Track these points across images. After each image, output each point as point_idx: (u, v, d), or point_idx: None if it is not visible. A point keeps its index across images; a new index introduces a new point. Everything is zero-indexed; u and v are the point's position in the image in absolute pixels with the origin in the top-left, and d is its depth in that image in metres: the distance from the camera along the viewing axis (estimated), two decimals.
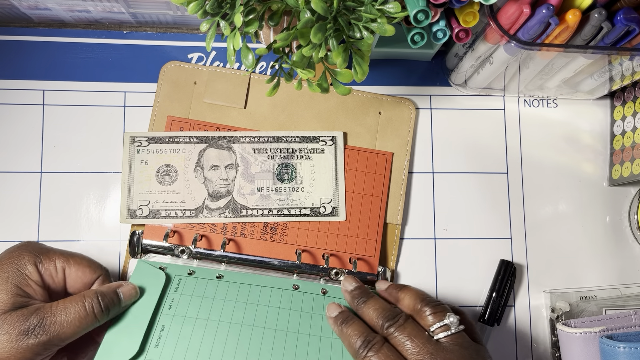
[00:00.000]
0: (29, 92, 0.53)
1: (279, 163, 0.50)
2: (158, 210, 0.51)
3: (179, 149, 0.50)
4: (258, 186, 0.50)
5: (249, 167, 0.50)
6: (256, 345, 0.45)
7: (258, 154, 0.49)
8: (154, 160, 0.51)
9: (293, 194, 0.51)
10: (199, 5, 0.39)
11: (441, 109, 0.56)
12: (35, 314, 0.40)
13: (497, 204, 0.55)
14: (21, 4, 0.51)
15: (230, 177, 0.50)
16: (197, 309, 0.46)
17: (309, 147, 0.49)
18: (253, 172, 0.50)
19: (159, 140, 0.50)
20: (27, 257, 0.43)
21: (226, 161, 0.50)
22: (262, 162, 0.50)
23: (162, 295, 0.47)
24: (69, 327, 0.41)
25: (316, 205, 0.50)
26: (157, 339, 0.45)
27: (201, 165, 0.50)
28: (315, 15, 0.37)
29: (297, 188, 0.50)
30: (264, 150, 0.49)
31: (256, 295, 0.48)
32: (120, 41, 0.55)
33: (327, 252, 0.51)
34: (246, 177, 0.50)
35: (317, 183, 0.50)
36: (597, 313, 0.51)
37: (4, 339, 0.39)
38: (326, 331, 0.47)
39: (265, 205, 0.51)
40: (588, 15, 0.41)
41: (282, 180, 0.50)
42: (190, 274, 0.49)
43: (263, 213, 0.51)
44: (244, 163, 0.50)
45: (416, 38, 0.45)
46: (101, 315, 0.43)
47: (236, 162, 0.50)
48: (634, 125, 0.53)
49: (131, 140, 0.50)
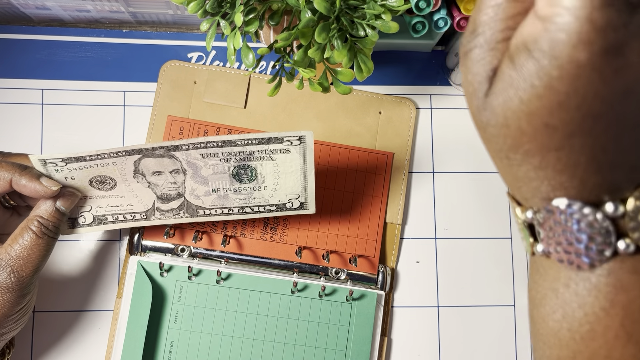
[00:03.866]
0: (28, 91, 0.53)
1: (235, 165, 0.46)
2: (104, 215, 0.47)
3: (107, 163, 0.44)
4: (213, 187, 0.47)
5: (198, 170, 0.46)
6: (257, 357, 0.50)
7: (207, 158, 0.45)
8: (80, 175, 0.45)
9: (255, 193, 0.48)
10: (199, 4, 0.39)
11: (441, 108, 0.56)
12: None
13: (497, 203, 0.55)
14: (20, 3, 0.51)
15: (179, 180, 0.46)
16: (200, 322, 0.50)
17: (270, 148, 0.45)
18: (205, 175, 0.46)
19: (77, 160, 0.43)
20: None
21: (169, 167, 0.46)
22: (214, 165, 0.46)
23: (166, 306, 0.50)
24: (31, 257, 0.42)
25: (282, 201, 0.48)
26: (169, 355, 0.49)
27: (140, 172, 0.45)
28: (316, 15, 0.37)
29: (259, 187, 0.47)
30: (215, 155, 0.45)
31: (255, 304, 0.50)
32: (119, 40, 0.54)
33: (327, 250, 0.51)
34: (197, 180, 0.46)
35: (282, 182, 0.47)
36: None
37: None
38: (321, 342, 0.50)
39: (225, 205, 0.48)
40: None
41: (241, 180, 0.47)
42: (190, 277, 0.49)
43: (222, 212, 0.48)
44: (192, 167, 0.46)
45: (417, 27, 0.45)
46: (53, 235, 0.43)
47: (182, 167, 0.46)
48: None
49: (42, 163, 0.43)
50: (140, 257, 0.50)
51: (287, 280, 0.50)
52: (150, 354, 0.49)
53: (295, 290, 0.50)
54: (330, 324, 0.50)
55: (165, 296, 0.50)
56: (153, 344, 0.49)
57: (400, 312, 0.53)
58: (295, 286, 0.50)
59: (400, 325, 0.52)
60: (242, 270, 0.50)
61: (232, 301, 0.50)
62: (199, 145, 0.44)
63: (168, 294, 0.50)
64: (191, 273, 0.49)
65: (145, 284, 0.49)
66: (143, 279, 0.49)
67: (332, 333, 0.50)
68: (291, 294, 0.50)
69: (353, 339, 0.50)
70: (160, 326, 0.49)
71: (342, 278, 0.51)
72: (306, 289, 0.50)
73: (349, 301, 0.50)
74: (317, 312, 0.50)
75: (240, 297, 0.50)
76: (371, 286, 0.51)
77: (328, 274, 0.52)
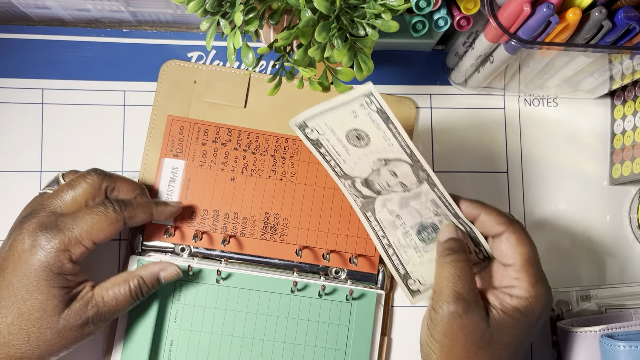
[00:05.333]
0: (28, 90, 0.53)
1: (433, 222, 0.46)
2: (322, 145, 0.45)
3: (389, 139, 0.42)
4: (401, 214, 0.46)
5: (413, 200, 0.45)
6: (257, 356, 0.50)
7: (431, 204, 0.45)
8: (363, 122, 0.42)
9: (410, 250, 0.47)
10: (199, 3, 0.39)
11: (441, 108, 0.56)
12: (89, 307, 0.43)
13: (497, 203, 0.55)
14: (21, 2, 0.51)
15: (394, 189, 0.45)
16: (200, 321, 0.50)
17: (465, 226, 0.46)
18: (411, 204, 0.45)
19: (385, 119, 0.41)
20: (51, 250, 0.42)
21: (406, 181, 0.45)
22: (427, 208, 0.45)
23: (166, 305, 0.50)
24: (115, 309, 0.44)
25: (412, 274, 0.47)
26: (169, 354, 0.49)
27: (388, 163, 0.44)
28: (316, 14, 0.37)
29: (419, 251, 0.47)
30: (438, 206, 0.45)
31: (255, 303, 0.50)
32: (119, 40, 0.54)
33: (328, 250, 0.51)
34: (402, 201, 0.46)
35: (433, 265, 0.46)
36: (597, 312, 0.51)
37: (70, 336, 0.43)
38: (321, 341, 0.50)
39: (385, 230, 0.47)
40: (588, 14, 0.41)
41: (419, 233, 0.46)
42: (190, 277, 0.49)
43: (377, 232, 0.47)
44: (415, 196, 0.45)
45: (418, 26, 0.45)
46: (141, 298, 0.46)
47: (411, 189, 0.45)
48: (634, 124, 0.53)
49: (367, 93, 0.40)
50: (141, 256, 0.50)
51: (287, 280, 0.50)
52: (150, 353, 0.49)
53: (295, 289, 0.50)
54: (330, 323, 0.50)
55: (165, 295, 0.50)
56: (153, 343, 0.49)
57: (400, 312, 0.53)
58: (295, 285, 0.50)
59: (400, 325, 0.52)
60: (242, 270, 0.50)
61: (232, 300, 0.50)
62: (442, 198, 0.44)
63: (168, 294, 0.50)
64: (191, 272, 0.49)
65: None
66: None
67: (332, 332, 0.50)
68: (291, 294, 0.50)
69: (353, 338, 0.50)
70: (161, 325, 0.49)
71: (342, 277, 0.51)
72: (306, 288, 0.50)
73: (348, 301, 0.50)
74: (317, 311, 0.50)
75: (240, 296, 0.50)
76: (371, 285, 0.51)
77: (328, 273, 0.51)
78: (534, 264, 0.43)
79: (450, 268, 0.42)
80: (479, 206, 0.45)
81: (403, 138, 0.41)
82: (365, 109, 0.41)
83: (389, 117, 0.40)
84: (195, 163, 0.52)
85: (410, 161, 0.43)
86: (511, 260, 0.43)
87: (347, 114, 0.42)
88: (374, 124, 0.42)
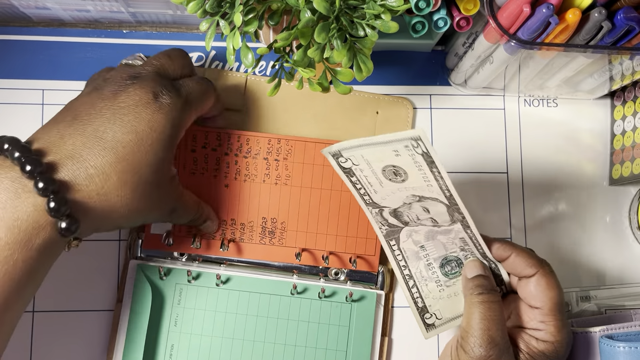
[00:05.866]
0: (28, 91, 0.53)
1: (458, 256, 0.46)
2: (354, 174, 0.44)
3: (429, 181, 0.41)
4: (425, 245, 0.46)
5: (440, 235, 0.45)
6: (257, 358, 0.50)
7: (460, 240, 0.45)
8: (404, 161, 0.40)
9: (431, 284, 0.47)
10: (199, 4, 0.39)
11: (441, 108, 0.56)
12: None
13: (497, 204, 0.55)
14: (20, 3, 0.51)
15: (420, 219, 0.45)
16: (201, 325, 0.50)
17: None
18: (437, 237, 0.45)
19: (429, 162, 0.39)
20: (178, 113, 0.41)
21: (438, 219, 0.44)
22: (452, 242, 0.45)
23: (167, 308, 0.50)
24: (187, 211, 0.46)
25: (430, 308, 0.47)
26: (169, 358, 0.49)
27: (423, 200, 0.43)
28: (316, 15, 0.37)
29: (441, 284, 0.47)
30: (465, 242, 0.45)
31: (255, 305, 0.50)
32: (119, 40, 0.54)
33: (327, 252, 0.51)
34: (429, 234, 0.45)
35: (453, 300, 0.47)
36: (597, 313, 0.51)
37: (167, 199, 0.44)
38: (322, 342, 0.50)
39: (408, 260, 0.46)
40: (588, 15, 0.41)
41: (442, 266, 0.46)
42: (189, 280, 0.49)
43: (399, 261, 0.47)
44: (444, 232, 0.45)
45: (417, 27, 0.46)
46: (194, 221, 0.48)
47: (441, 225, 0.44)
48: (634, 124, 0.53)
49: (415, 137, 0.38)
50: (140, 261, 0.50)
51: (286, 282, 0.50)
52: (151, 357, 0.49)
53: (295, 292, 0.50)
54: (330, 324, 0.50)
55: (165, 299, 0.50)
56: (153, 347, 0.49)
57: (400, 312, 0.53)
58: (295, 288, 0.50)
59: (401, 325, 0.52)
60: (242, 273, 0.50)
61: (232, 303, 0.50)
62: (473, 238, 0.44)
63: (168, 297, 0.50)
64: (190, 276, 0.49)
65: (145, 288, 0.49)
66: (142, 282, 0.49)
67: (333, 334, 0.50)
68: (291, 296, 0.50)
69: (353, 339, 0.50)
70: (160, 329, 0.49)
71: (342, 279, 0.51)
72: (306, 290, 0.50)
73: (348, 302, 0.50)
74: (317, 313, 0.50)
75: (240, 299, 0.50)
76: (371, 286, 0.51)
77: (327, 275, 0.51)
78: (561, 309, 0.43)
79: (482, 309, 0.42)
80: (510, 248, 0.44)
81: (444, 182, 0.40)
82: (409, 150, 0.39)
83: (434, 162, 0.39)
84: (186, 171, 0.51)
85: (447, 203, 0.42)
86: (540, 304, 0.43)
87: (388, 151, 0.40)
88: (415, 165, 0.40)
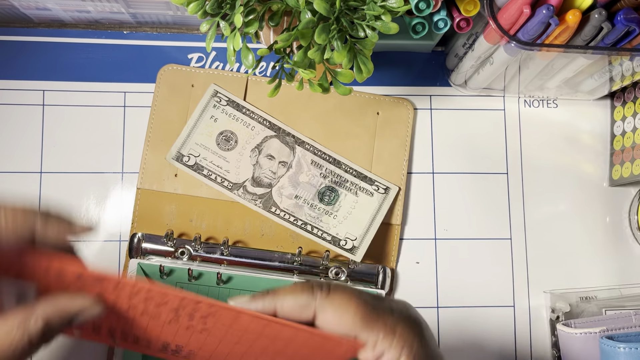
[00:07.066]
0: (29, 92, 0.53)
1: (327, 184, 0.50)
2: (203, 167, 0.50)
3: (249, 124, 0.50)
4: (298, 194, 0.50)
5: (299, 173, 0.50)
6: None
7: (313, 166, 0.50)
8: (223, 121, 0.50)
9: (324, 217, 0.51)
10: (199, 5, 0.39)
11: (441, 109, 0.56)
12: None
13: (497, 204, 0.55)
14: (21, 4, 0.51)
15: (279, 173, 0.50)
16: None
17: (361, 185, 0.50)
18: (300, 180, 0.50)
19: (236, 107, 0.50)
20: None
21: (283, 157, 0.50)
22: (313, 176, 0.50)
23: None
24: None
25: (339, 236, 0.51)
26: None
27: (260, 149, 0.51)
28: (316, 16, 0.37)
29: (331, 213, 0.51)
30: (320, 166, 0.50)
31: None
32: (120, 41, 0.54)
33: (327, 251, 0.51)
34: (292, 181, 0.50)
35: (351, 218, 0.50)
36: (597, 313, 0.51)
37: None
38: None
39: (294, 214, 0.50)
40: (588, 16, 0.41)
41: (322, 200, 0.50)
42: (190, 280, 0.49)
43: (289, 219, 0.50)
44: (297, 167, 0.50)
45: (417, 28, 0.46)
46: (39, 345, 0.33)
47: (291, 163, 0.50)
48: (634, 125, 0.53)
49: (213, 93, 0.51)
50: (140, 259, 0.50)
51: (287, 281, 0.50)
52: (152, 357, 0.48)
53: None
54: None
55: None
56: None
57: None
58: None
59: None
60: (243, 272, 0.50)
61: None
62: (316, 151, 0.50)
63: None
64: (191, 276, 0.49)
65: None
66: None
67: None
68: None
69: None
70: None
71: (342, 279, 0.51)
72: None
73: None
74: None
75: None
76: (371, 286, 0.51)
77: (328, 274, 0.52)
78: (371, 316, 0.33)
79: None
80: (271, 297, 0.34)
81: (258, 114, 0.47)
82: (218, 108, 0.48)
83: (239, 103, 0.47)
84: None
85: (274, 132, 0.48)
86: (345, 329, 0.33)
87: (208, 122, 0.49)
88: (232, 118, 0.48)
